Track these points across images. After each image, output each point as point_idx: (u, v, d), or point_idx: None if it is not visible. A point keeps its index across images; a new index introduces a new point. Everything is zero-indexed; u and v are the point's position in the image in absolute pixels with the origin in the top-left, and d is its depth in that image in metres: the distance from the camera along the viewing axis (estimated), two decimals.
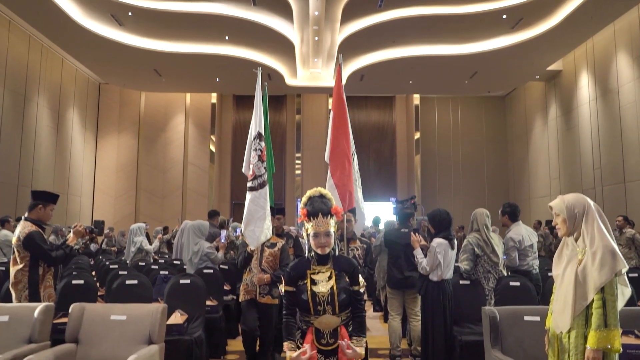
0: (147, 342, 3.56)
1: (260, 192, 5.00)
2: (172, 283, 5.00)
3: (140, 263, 7.96)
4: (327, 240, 2.71)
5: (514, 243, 5.50)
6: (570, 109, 16.58)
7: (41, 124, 15.98)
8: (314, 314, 2.68)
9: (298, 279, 2.75)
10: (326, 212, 2.72)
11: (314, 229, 2.71)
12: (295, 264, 2.83)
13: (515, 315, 3.67)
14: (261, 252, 4.96)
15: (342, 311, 2.69)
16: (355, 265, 2.82)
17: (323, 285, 2.67)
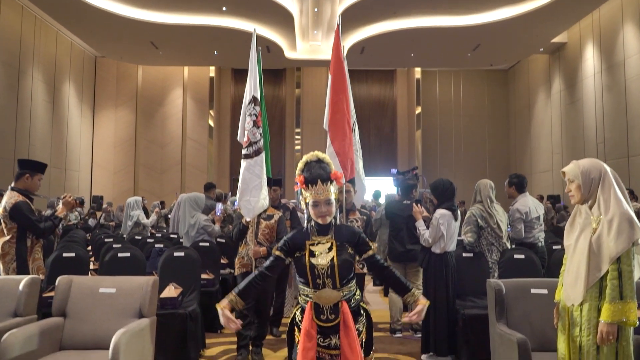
0: (138, 316, 3.41)
1: (256, 160, 4.70)
2: (166, 256, 4.84)
3: (137, 237, 7.81)
4: (327, 209, 2.51)
5: (520, 214, 5.33)
6: (575, 82, 16.30)
7: (36, 98, 15.72)
8: (312, 287, 2.50)
9: (296, 250, 2.56)
10: (325, 178, 2.50)
11: (313, 197, 2.51)
12: (294, 234, 2.63)
13: (522, 288, 3.52)
14: (257, 224, 4.72)
15: (343, 285, 2.50)
16: (358, 233, 2.61)
17: (322, 257, 2.48)
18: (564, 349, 2.72)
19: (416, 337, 5.38)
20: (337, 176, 2.56)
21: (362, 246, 2.58)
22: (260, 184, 4.68)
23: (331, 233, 2.56)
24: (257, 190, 4.64)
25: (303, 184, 2.55)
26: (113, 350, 2.88)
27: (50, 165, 16.57)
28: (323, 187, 2.49)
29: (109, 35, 15.71)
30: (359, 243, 2.58)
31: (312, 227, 2.60)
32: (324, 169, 2.54)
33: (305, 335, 2.46)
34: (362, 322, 2.61)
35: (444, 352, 4.45)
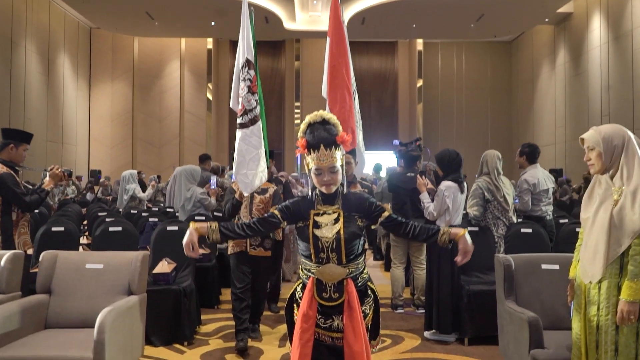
0: (126, 293, 3.22)
1: (252, 130, 4.32)
2: (159, 230, 4.65)
3: (132, 211, 7.63)
4: (332, 177, 2.25)
5: (528, 186, 5.12)
6: (580, 53, 15.96)
7: (30, 70, 15.40)
8: (315, 262, 2.27)
9: (299, 218, 2.33)
10: (330, 142, 2.24)
11: (316, 163, 2.24)
12: (297, 200, 2.39)
13: (532, 263, 3.33)
14: (250, 199, 4.38)
15: (350, 261, 2.27)
16: (368, 199, 2.37)
17: (327, 229, 2.25)
18: (579, 328, 2.54)
19: (418, 312, 5.24)
20: (344, 140, 2.27)
21: (375, 211, 2.34)
22: (258, 155, 4.32)
23: (338, 203, 2.32)
24: (254, 163, 4.28)
25: (305, 149, 2.28)
26: (98, 329, 2.71)
27: (46, 139, 16.35)
28: (327, 152, 2.22)
29: (103, 4, 15.28)
30: (371, 209, 2.34)
31: (317, 195, 2.35)
32: (329, 131, 2.26)
33: (303, 315, 2.25)
34: (370, 304, 2.39)
35: (447, 329, 4.29)
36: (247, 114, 4.36)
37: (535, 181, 5.10)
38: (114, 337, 2.82)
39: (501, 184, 4.66)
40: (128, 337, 3.09)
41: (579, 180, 14.11)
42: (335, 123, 2.31)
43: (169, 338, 4.19)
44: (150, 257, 4.55)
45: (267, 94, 22.92)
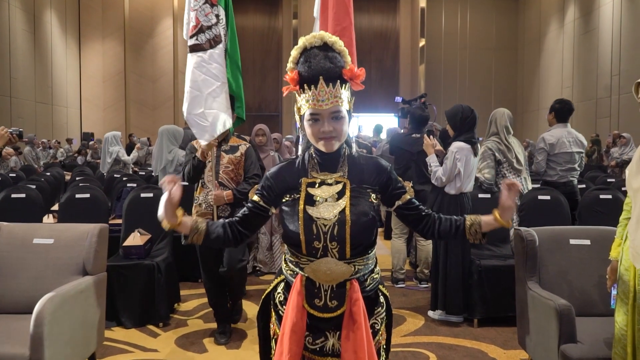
0: (81, 273, 2.74)
1: (212, 54, 3.25)
2: (132, 197, 4.12)
3: (115, 175, 7.12)
4: (335, 126, 1.57)
5: (544, 145, 4.61)
6: (591, 9, 15.22)
7: (15, 27, 14.69)
8: (306, 254, 1.60)
9: (285, 191, 1.66)
10: (334, 76, 1.56)
11: (312, 105, 1.56)
12: (281, 167, 1.73)
13: (558, 238, 2.83)
14: (217, 160, 3.44)
15: (357, 255, 1.61)
16: (386, 168, 1.71)
17: (327, 207, 1.59)
18: (625, 322, 2.06)
19: (421, 287, 4.78)
20: (355, 74, 1.60)
21: (394, 189, 1.69)
22: (220, 90, 3.29)
23: (343, 169, 1.66)
24: (215, 99, 3.26)
25: (296, 84, 1.60)
26: (35, 321, 2.22)
27: (35, 100, 15.79)
28: (328, 89, 1.55)
29: None
30: (389, 184, 1.69)
31: (312, 157, 1.67)
32: (334, 60, 1.58)
33: (291, 331, 1.59)
34: (381, 317, 1.73)
35: (455, 310, 3.82)
36: (203, 33, 3.27)
37: (554, 141, 4.56)
38: (57, 329, 2.35)
39: (512, 144, 4.14)
40: (79, 327, 2.62)
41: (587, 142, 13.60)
42: (341, 50, 1.63)
43: (142, 318, 3.72)
44: (123, 228, 4.08)
45: (263, 53, 22.25)
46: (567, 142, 4.58)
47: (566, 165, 4.61)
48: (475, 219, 1.67)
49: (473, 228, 1.66)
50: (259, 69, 20.05)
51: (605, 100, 14.21)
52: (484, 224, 1.65)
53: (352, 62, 1.66)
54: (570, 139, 4.63)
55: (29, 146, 10.71)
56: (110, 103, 19.18)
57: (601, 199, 4.15)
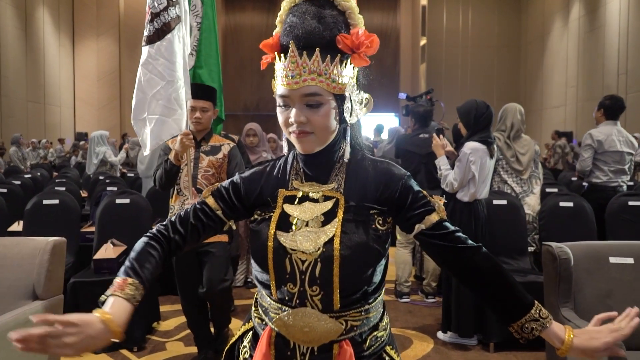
0: (31, 297, 2.32)
1: (158, 47, 2.69)
2: (106, 203, 3.67)
3: (100, 177, 6.70)
4: (311, 117, 1.12)
5: (591, 141, 4.23)
6: (596, 7, 14.86)
7: (5, 24, 14.29)
8: (277, 299, 1.16)
9: (256, 205, 1.22)
10: (318, 40, 1.11)
11: (284, 81, 1.13)
12: (256, 171, 1.27)
13: (596, 255, 2.40)
14: (195, 162, 2.94)
15: (350, 305, 1.14)
16: (400, 177, 1.19)
17: (307, 236, 1.12)
18: None
19: (428, 302, 4.35)
20: (358, 42, 1.12)
21: (413, 206, 1.17)
22: (166, 90, 2.72)
23: (338, 178, 1.19)
24: (157, 102, 2.71)
25: (275, 49, 1.18)
26: None
27: (27, 99, 15.40)
28: (302, 60, 1.10)
29: None
30: (405, 199, 1.17)
31: (296, 160, 1.23)
32: (325, 20, 1.12)
33: None
34: None
35: (468, 332, 3.39)
36: (151, 23, 2.70)
37: (602, 138, 4.20)
38: None
39: (517, 142, 3.77)
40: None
41: None
42: (347, 8, 1.15)
43: (114, 342, 3.30)
44: (96, 238, 3.65)
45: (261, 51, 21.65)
46: (617, 141, 4.18)
47: (615, 165, 4.20)
48: (545, 316, 1.11)
49: (530, 326, 1.10)
50: (257, 67, 19.47)
51: None
52: (550, 332, 1.11)
53: None
54: (621, 138, 4.25)
55: (15, 146, 10.29)
56: (105, 102, 18.78)
57: (630, 206, 3.73)
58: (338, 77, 1.12)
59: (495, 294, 1.14)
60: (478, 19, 19.74)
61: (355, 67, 1.18)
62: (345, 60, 1.14)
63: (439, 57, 19.67)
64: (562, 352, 1.09)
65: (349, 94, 1.16)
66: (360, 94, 1.21)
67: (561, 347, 1.09)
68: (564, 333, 1.09)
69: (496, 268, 1.15)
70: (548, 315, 1.12)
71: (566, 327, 1.11)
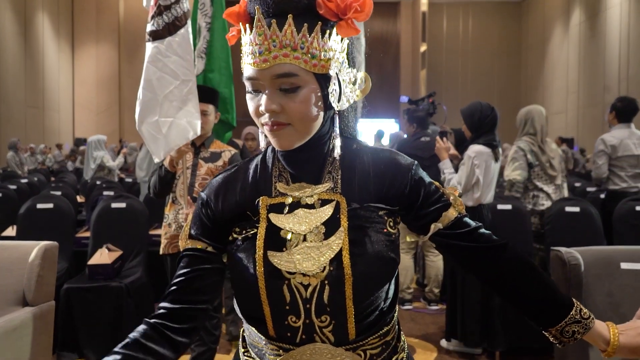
0: (21, 303, 2.24)
1: (170, 43, 2.44)
2: (101, 207, 3.58)
3: (97, 182, 6.61)
4: (286, 104, 0.90)
5: (604, 147, 4.12)
6: (597, 12, 14.83)
7: (5, 29, 14.25)
8: (276, 338, 0.94)
9: (231, 221, 0.98)
10: (291, 5, 0.87)
11: (253, 61, 0.90)
12: (225, 178, 1.03)
13: (606, 260, 2.31)
14: (193, 169, 2.73)
15: (368, 330, 0.95)
16: (408, 167, 1.00)
17: (306, 253, 0.90)
18: None
19: (431, 309, 4.26)
20: (342, 6, 0.88)
21: (426, 202, 1.00)
22: (180, 90, 2.49)
23: (333, 175, 0.97)
24: (171, 104, 2.47)
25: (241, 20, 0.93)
26: None
27: (26, 104, 15.34)
28: (270, 32, 0.87)
29: None
30: (417, 194, 0.99)
31: (275, 157, 1.01)
32: None
33: None
34: None
35: (474, 341, 3.30)
36: (161, 15, 2.43)
37: (616, 142, 4.09)
38: None
39: (547, 146, 3.66)
40: None
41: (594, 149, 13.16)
42: None
43: (109, 350, 3.20)
44: (90, 243, 3.57)
45: None
46: (632, 144, 4.06)
47: (632, 170, 4.08)
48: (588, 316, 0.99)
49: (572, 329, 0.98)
50: None
51: None
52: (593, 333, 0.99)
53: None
54: (635, 140, 4.12)
55: (12, 151, 10.21)
56: (104, 107, 18.74)
57: (637, 211, 3.64)
58: (319, 52, 0.89)
59: (529, 297, 1.00)
60: (478, 25, 19.74)
61: (342, 38, 0.93)
62: (329, 29, 0.90)
63: (440, 63, 19.66)
64: (608, 353, 0.98)
65: (336, 73, 0.92)
66: (352, 72, 0.97)
67: (607, 349, 0.98)
68: (607, 332, 0.98)
69: (529, 268, 1.00)
70: (590, 315, 1.00)
71: (609, 325, 1.00)
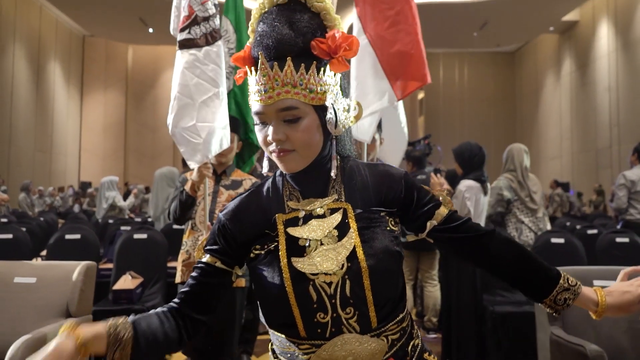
0: (65, 315, 2.53)
1: (208, 52, 2.51)
2: (125, 238, 3.91)
3: (109, 221, 6.92)
4: (290, 134, 1.06)
5: (625, 181, 4.76)
6: (587, 62, 15.43)
7: (19, 76, 14.81)
8: (307, 337, 1.05)
9: (250, 240, 1.11)
10: (290, 49, 1.04)
11: (259, 98, 1.06)
12: (241, 202, 1.18)
13: (581, 278, 2.59)
14: (214, 196, 2.73)
15: (386, 317, 1.08)
16: (400, 176, 1.17)
17: (325, 255, 1.04)
18: None
19: (430, 338, 4.50)
20: (335, 45, 1.05)
21: (420, 203, 1.15)
22: (219, 98, 2.53)
23: (337, 188, 1.12)
24: (210, 110, 2.49)
25: (247, 64, 1.10)
26: None
27: (35, 149, 15.77)
28: (273, 72, 1.03)
29: (95, 10, 14.79)
30: (411, 198, 1.15)
31: (284, 179, 1.16)
32: (296, 25, 1.05)
33: None
34: None
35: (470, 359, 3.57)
36: (197, 25, 2.51)
37: (635, 178, 4.76)
38: None
39: (528, 181, 4.01)
40: None
41: (590, 192, 13.49)
42: (321, 9, 1.07)
43: None
44: (114, 270, 3.86)
45: None
46: None
47: None
48: (574, 285, 1.11)
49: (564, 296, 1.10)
50: None
51: (605, 151, 14.20)
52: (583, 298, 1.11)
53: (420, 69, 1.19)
54: None
55: (25, 193, 10.56)
56: (110, 152, 19.17)
57: (618, 242, 3.96)
58: (316, 87, 1.04)
59: (521, 274, 1.12)
60: (473, 73, 20.41)
61: (335, 73, 1.09)
62: (323, 66, 1.06)
63: (437, 110, 20.24)
64: (598, 314, 1.09)
65: (331, 103, 1.07)
66: (345, 101, 1.13)
67: (597, 309, 1.09)
68: (595, 295, 1.09)
69: (517, 248, 1.14)
70: (577, 282, 1.11)
71: (596, 289, 1.11)
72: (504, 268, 1.14)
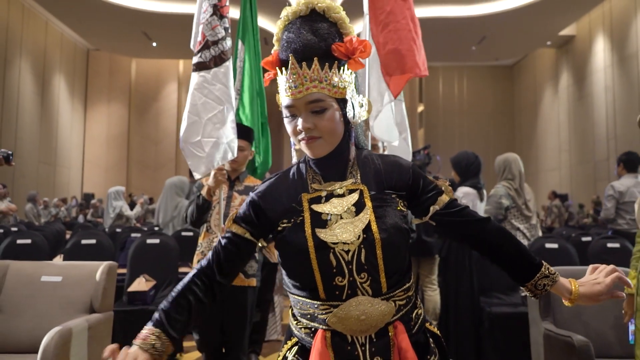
0: (88, 311, 2.70)
1: (216, 73, 2.74)
2: (138, 243, 4.11)
3: (117, 230, 7.11)
4: (318, 122, 1.23)
5: (613, 192, 4.87)
6: (584, 76, 15.66)
7: (24, 90, 15.03)
8: (326, 298, 1.21)
9: (279, 216, 1.28)
10: (315, 51, 1.23)
11: (287, 93, 1.25)
12: (270, 184, 1.34)
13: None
14: (228, 200, 2.92)
15: (395, 285, 1.24)
16: (408, 167, 1.34)
17: (344, 227, 1.21)
18: None
19: None
20: (352, 48, 1.25)
21: (425, 190, 1.32)
22: (223, 115, 2.75)
23: (354, 173, 1.30)
24: (216, 126, 2.73)
25: (275, 64, 1.30)
26: (43, 353, 2.19)
27: (39, 161, 15.95)
28: (302, 71, 1.22)
29: (99, 24, 15.05)
30: (417, 185, 1.32)
31: (309, 166, 1.33)
32: (319, 32, 1.24)
33: None
34: None
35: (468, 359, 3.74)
36: (208, 49, 2.74)
37: (623, 189, 4.86)
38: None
39: (523, 189, 4.19)
40: None
41: (588, 204, 13.66)
42: (337, 19, 1.27)
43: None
44: (128, 274, 4.04)
45: None
46: (637, 192, 4.77)
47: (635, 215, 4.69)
48: (552, 273, 1.28)
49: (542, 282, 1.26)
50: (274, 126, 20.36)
51: (603, 163, 14.37)
52: (559, 286, 1.27)
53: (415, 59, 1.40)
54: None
55: (31, 203, 10.74)
56: (113, 164, 19.34)
57: (609, 247, 4.14)
58: (338, 82, 1.24)
59: (510, 257, 1.28)
60: (473, 87, 20.66)
61: (352, 72, 1.29)
62: (342, 66, 1.26)
63: (436, 123, 20.47)
64: (571, 300, 1.24)
65: (350, 97, 1.27)
66: (359, 97, 1.32)
67: (570, 297, 1.24)
68: (570, 285, 1.25)
69: (508, 236, 1.30)
70: (556, 272, 1.28)
71: (570, 280, 1.27)
72: (495, 251, 1.30)
